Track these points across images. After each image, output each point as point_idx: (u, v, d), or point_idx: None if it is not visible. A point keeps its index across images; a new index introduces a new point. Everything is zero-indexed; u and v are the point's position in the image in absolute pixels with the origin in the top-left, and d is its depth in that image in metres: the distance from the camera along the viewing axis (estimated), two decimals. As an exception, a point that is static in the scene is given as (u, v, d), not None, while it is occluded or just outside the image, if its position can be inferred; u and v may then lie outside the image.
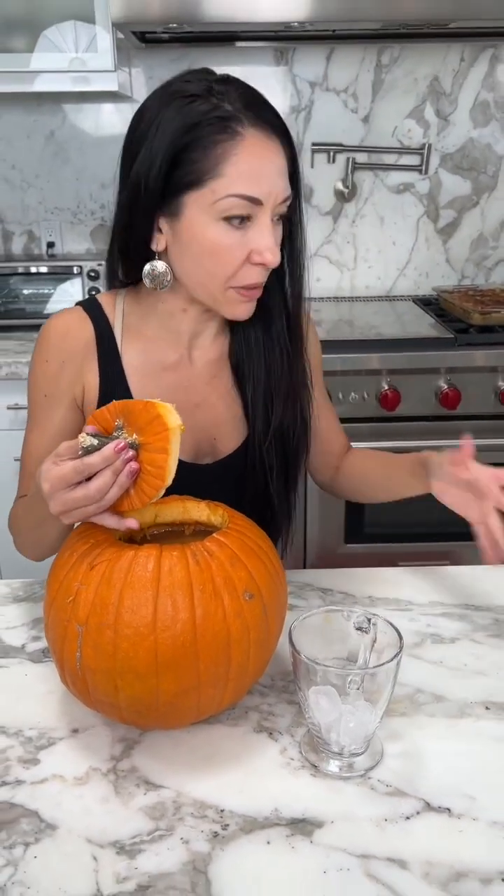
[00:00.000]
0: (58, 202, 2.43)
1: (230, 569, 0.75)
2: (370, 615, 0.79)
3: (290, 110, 2.34)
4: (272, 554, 0.82)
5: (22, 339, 2.13)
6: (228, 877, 0.65)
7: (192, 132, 0.86)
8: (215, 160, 0.86)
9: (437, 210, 2.45)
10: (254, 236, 0.89)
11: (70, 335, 1.00)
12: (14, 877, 0.66)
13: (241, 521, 0.84)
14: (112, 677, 0.72)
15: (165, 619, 0.71)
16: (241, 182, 0.86)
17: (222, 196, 0.86)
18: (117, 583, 0.72)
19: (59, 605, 0.76)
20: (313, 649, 0.77)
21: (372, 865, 0.66)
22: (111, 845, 0.68)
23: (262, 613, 0.76)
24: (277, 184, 0.88)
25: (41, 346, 1.01)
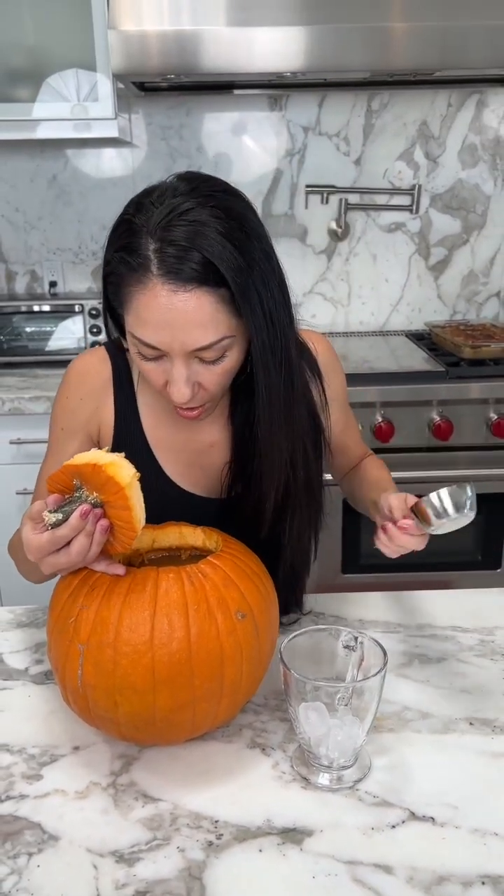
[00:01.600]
0: (60, 243, 2.51)
1: (223, 589, 0.79)
2: (357, 634, 0.83)
3: (285, 153, 2.43)
4: (264, 576, 0.86)
5: (24, 375, 2.19)
6: (222, 882, 0.69)
7: (109, 267, 0.88)
8: (123, 298, 0.86)
9: (428, 248, 2.52)
10: (168, 369, 0.88)
11: (89, 375, 1.06)
12: (18, 884, 0.69)
13: (235, 546, 0.88)
14: (111, 693, 0.76)
15: (162, 637, 0.75)
16: (140, 328, 0.85)
17: (128, 328, 0.88)
18: (116, 603, 0.77)
19: (61, 627, 0.80)
20: (303, 668, 0.81)
21: (359, 871, 0.69)
22: (111, 854, 0.72)
23: (254, 632, 0.80)
24: (184, 335, 0.84)
25: (63, 384, 1.09)
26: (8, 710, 0.91)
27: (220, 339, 0.85)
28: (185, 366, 0.87)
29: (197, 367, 0.88)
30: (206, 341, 0.84)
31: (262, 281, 0.86)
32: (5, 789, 0.80)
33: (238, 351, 0.89)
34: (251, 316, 0.85)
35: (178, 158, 2.44)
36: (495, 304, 2.59)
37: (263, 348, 0.88)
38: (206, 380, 0.89)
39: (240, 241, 0.83)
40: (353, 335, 2.55)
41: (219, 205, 0.84)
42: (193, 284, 0.82)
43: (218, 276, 0.82)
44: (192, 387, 0.89)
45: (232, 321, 0.86)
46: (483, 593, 1.14)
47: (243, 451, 1.02)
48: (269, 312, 0.87)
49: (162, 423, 1.07)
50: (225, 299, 0.84)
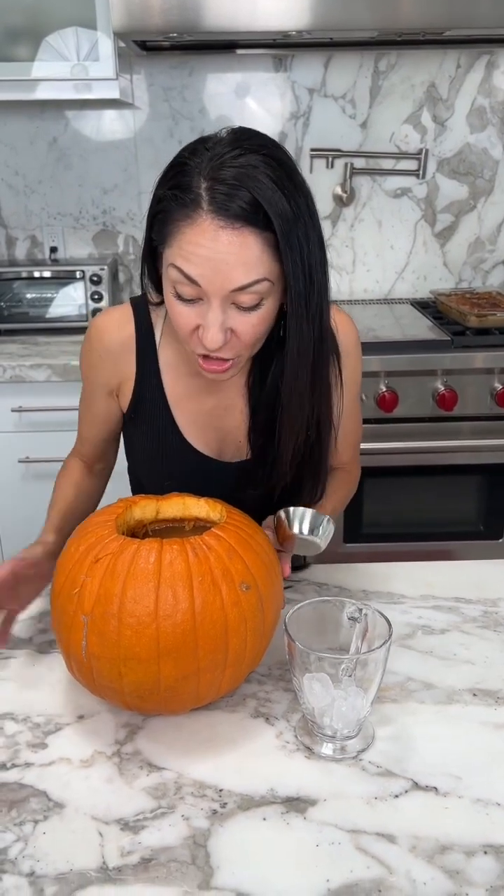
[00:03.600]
0: (60, 208, 2.47)
1: (227, 561, 0.79)
2: (362, 606, 0.83)
3: (290, 116, 2.38)
4: (268, 547, 0.86)
5: (25, 342, 2.17)
6: (226, 850, 0.69)
7: (160, 205, 0.88)
8: (168, 232, 0.87)
9: (434, 214, 2.49)
10: (202, 312, 0.88)
11: (108, 332, 1.08)
12: (24, 851, 0.70)
13: (239, 517, 0.88)
14: (116, 664, 0.76)
15: (166, 609, 0.75)
16: (184, 261, 0.85)
17: (168, 263, 0.88)
18: (121, 575, 0.77)
19: (65, 597, 0.80)
20: (308, 639, 0.81)
21: (362, 840, 0.70)
22: (116, 822, 0.72)
23: (258, 603, 0.80)
24: (226, 272, 0.84)
25: (85, 341, 1.10)
26: (12, 679, 0.92)
27: (260, 279, 0.85)
28: (221, 309, 0.87)
29: (232, 313, 0.88)
30: (247, 280, 0.84)
31: (304, 234, 0.86)
32: (10, 757, 0.80)
33: (274, 301, 0.89)
34: (291, 265, 0.85)
35: (181, 121, 2.39)
36: (502, 272, 2.56)
37: (299, 299, 0.88)
38: (240, 328, 0.89)
39: (288, 191, 0.85)
40: (358, 303, 2.52)
41: (270, 154, 0.86)
42: (241, 222, 0.83)
43: (265, 219, 0.83)
44: (226, 333, 0.88)
45: (273, 267, 0.86)
46: (487, 564, 1.14)
47: (260, 415, 1.03)
48: (309, 266, 0.87)
49: (181, 383, 1.08)
50: (269, 243, 0.84)
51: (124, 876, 0.67)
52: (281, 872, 0.67)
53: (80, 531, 0.86)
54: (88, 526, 0.86)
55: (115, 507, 0.90)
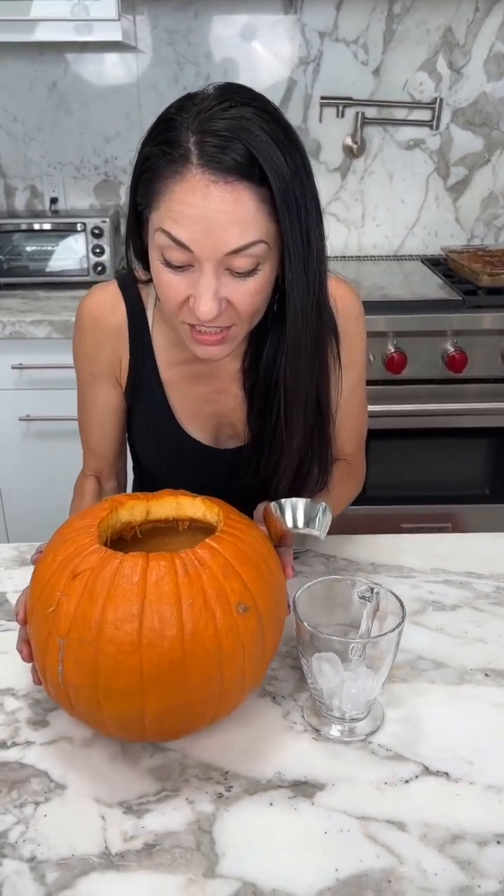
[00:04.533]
0: (61, 157, 2.39)
1: (223, 579, 0.70)
2: (374, 585, 0.80)
3: (299, 62, 2.28)
4: (270, 558, 0.78)
5: (25, 297, 2.12)
6: (232, 836, 0.67)
7: (146, 163, 0.82)
8: (155, 192, 0.80)
9: (447, 167, 2.40)
10: (193, 282, 0.81)
11: (104, 317, 1.01)
12: (25, 834, 0.68)
13: (237, 521, 0.79)
14: (95, 694, 0.68)
15: (151, 637, 0.66)
16: (170, 220, 0.79)
17: (156, 228, 0.81)
18: (100, 595, 0.68)
19: (40, 614, 0.72)
20: (316, 614, 0.78)
21: (371, 827, 0.68)
22: (119, 805, 0.70)
23: (258, 626, 0.72)
24: (220, 233, 0.77)
25: (78, 328, 1.04)
26: (13, 653, 0.89)
27: (256, 241, 0.79)
28: (214, 275, 0.80)
29: (227, 281, 0.81)
30: (242, 241, 0.78)
31: (302, 193, 0.80)
32: (11, 735, 0.78)
33: (270, 268, 0.83)
34: (289, 225, 0.79)
35: (186, 66, 2.29)
36: (515, 229, 2.49)
37: (297, 263, 0.82)
38: (235, 298, 0.82)
39: (283, 145, 0.79)
40: (366, 259, 2.45)
41: (262, 106, 0.80)
42: (234, 176, 0.77)
43: (260, 173, 0.77)
44: (220, 303, 0.82)
45: (270, 228, 0.80)
46: (499, 538, 1.11)
47: (257, 399, 0.97)
48: (307, 229, 0.81)
49: (175, 368, 1.03)
50: (265, 200, 0.78)
51: (127, 862, 0.65)
52: (288, 860, 0.65)
53: (59, 537, 0.76)
54: (68, 531, 0.76)
55: (99, 508, 0.80)
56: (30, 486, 2.12)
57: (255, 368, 0.97)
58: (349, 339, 0.99)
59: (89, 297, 1.03)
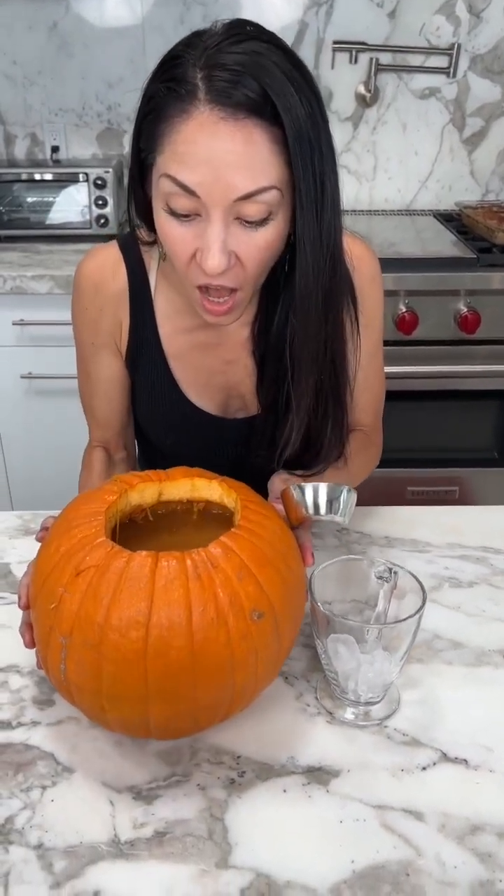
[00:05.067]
0: (62, 103, 2.29)
1: (237, 584, 0.65)
2: (392, 565, 0.77)
3: (311, 3, 2.17)
4: (290, 554, 0.72)
5: (26, 250, 2.05)
6: (245, 825, 0.65)
7: (151, 103, 0.76)
8: (160, 134, 0.74)
9: (463, 117, 2.31)
10: (200, 233, 0.76)
11: (104, 283, 0.96)
12: (32, 820, 0.66)
13: (256, 512, 0.73)
14: (97, 697, 0.65)
15: (158, 646, 0.62)
16: (175, 163, 0.73)
17: (160, 174, 0.75)
18: (104, 598, 0.63)
19: (42, 607, 0.68)
20: (332, 593, 0.76)
21: (388, 816, 0.66)
22: (128, 790, 0.68)
23: (273, 630, 0.67)
24: (229, 176, 0.72)
25: (77, 295, 0.98)
26: (17, 628, 0.86)
27: (268, 186, 0.73)
28: (223, 223, 0.74)
29: (236, 231, 0.76)
30: (254, 186, 0.72)
31: (317, 137, 0.74)
32: (16, 715, 0.76)
33: (283, 219, 0.77)
34: (302, 170, 0.73)
35: (192, 6, 2.19)
36: (532, 184, 2.40)
37: (310, 211, 0.76)
38: (243, 252, 0.77)
39: (298, 84, 0.73)
40: (378, 214, 2.38)
41: (274, 41, 0.75)
42: (244, 113, 0.71)
43: (273, 111, 0.71)
44: (229, 256, 0.76)
45: (283, 174, 0.74)
46: (517, 510, 1.08)
47: (269, 366, 0.92)
48: (321, 174, 0.75)
49: (179, 334, 0.97)
50: (277, 141, 0.72)
51: (137, 851, 0.63)
52: (303, 851, 0.63)
53: (65, 522, 0.71)
54: (74, 517, 0.71)
55: (108, 491, 0.74)
56: (32, 445, 2.08)
57: (264, 335, 0.92)
58: (364, 301, 0.93)
59: (88, 260, 0.97)
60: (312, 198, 0.76)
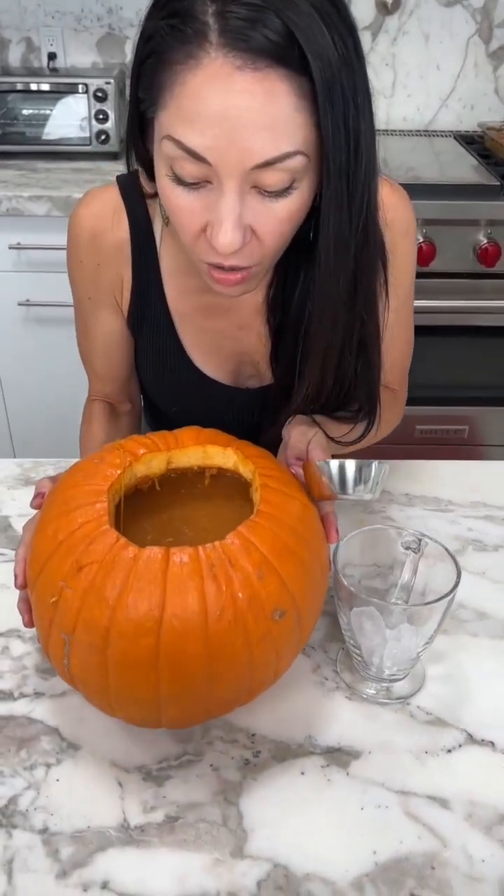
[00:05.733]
0: (59, 4, 2.12)
1: (257, 584, 0.58)
2: (421, 535, 0.71)
3: None
4: (313, 537, 0.65)
5: (22, 168, 1.93)
6: (261, 810, 0.62)
7: (150, 44, 0.62)
8: (162, 85, 0.61)
9: (490, 29, 2.15)
10: (211, 204, 0.64)
11: (101, 234, 0.85)
12: (36, 801, 0.63)
13: (277, 491, 0.65)
14: (105, 696, 0.61)
15: (171, 652, 0.56)
16: (180, 124, 0.60)
17: (163, 135, 0.62)
18: (109, 598, 0.57)
19: (41, 596, 0.61)
20: (355, 558, 0.71)
21: (411, 803, 0.63)
22: (137, 770, 0.65)
23: (295, 625, 0.62)
24: (247, 138, 0.59)
25: (72, 245, 0.88)
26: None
27: (293, 151, 0.60)
28: (238, 194, 0.62)
29: (252, 202, 0.64)
30: (275, 152, 0.60)
31: (352, 87, 0.60)
32: (18, 685, 0.72)
33: (308, 188, 0.65)
34: (332, 128, 0.60)
35: None
36: None
37: (339, 179, 0.63)
38: (261, 225, 0.65)
39: (330, 20, 0.59)
40: (395, 134, 2.24)
41: None
42: (266, 61, 0.57)
43: (300, 58, 0.58)
44: (244, 232, 0.64)
45: (310, 134, 0.61)
46: (544, 466, 1.02)
47: (286, 335, 0.83)
48: (355, 134, 0.62)
49: (187, 295, 0.87)
50: (305, 95, 0.59)
51: (148, 837, 0.60)
52: (322, 840, 0.60)
53: (63, 502, 0.63)
54: (73, 497, 0.63)
55: (111, 461, 0.66)
56: (31, 375, 2.01)
57: (281, 303, 0.82)
58: (395, 258, 0.80)
59: (84, 206, 0.86)
60: (343, 165, 0.62)
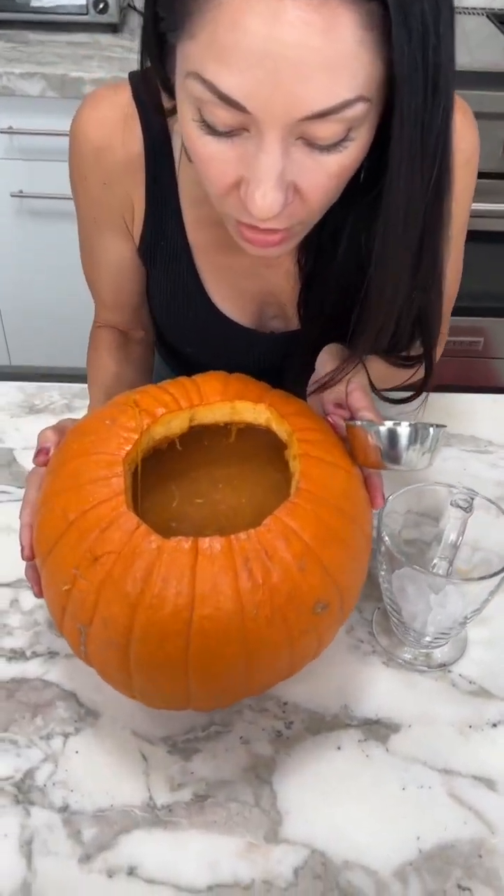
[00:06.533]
0: None
1: (299, 576, 0.51)
2: (474, 494, 0.65)
3: None
4: (358, 509, 0.57)
5: (12, 40, 1.74)
6: (296, 788, 0.58)
7: None
8: (189, 7, 0.47)
9: None
10: (247, 156, 0.51)
11: (109, 150, 0.71)
12: (55, 776, 0.58)
13: (318, 459, 0.56)
14: (128, 688, 0.55)
15: (202, 655, 0.50)
16: (213, 61, 0.46)
17: (189, 70, 0.49)
18: (130, 594, 0.49)
19: (52, 579, 0.54)
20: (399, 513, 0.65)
21: (456, 784, 0.59)
22: (162, 742, 0.61)
23: (338, 612, 0.55)
24: (297, 83, 0.45)
25: (75, 156, 0.74)
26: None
27: (354, 99, 0.47)
28: (281, 149, 0.49)
29: (298, 156, 0.50)
30: (333, 100, 0.46)
31: (433, 8, 0.46)
32: (30, 643, 0.67)
33: (366, 134, 0.51)
34: (409, 66, 0.46)
35: None
36: None
37: (412, 128, 0.49)
38: (307, 182, 0.52)
39: None
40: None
41: None
42: None
43: None
44: (286, 192, 0.51)
45: (376, 72, 0.47)
46: None
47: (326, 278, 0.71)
48: (434, 69, 0.47)
49: (209, 226, 0.74)
50: (373, 25, 0.45)
51: (176, 818, 0.56)
52: (362, 823, 0.57)
53: (72, 475, 0.55)
54: (84, 468, 0.54)
55: (126, 424, 0.57)
56: (25, 273, 1.89)
57: (317, 241, 0.69)
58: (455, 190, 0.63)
59: (88, 111, 0.71)
60: (419, 110, 0.49)
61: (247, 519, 0.63)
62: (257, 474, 0.64)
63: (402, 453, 0.57)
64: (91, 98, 0.71)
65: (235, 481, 0.66)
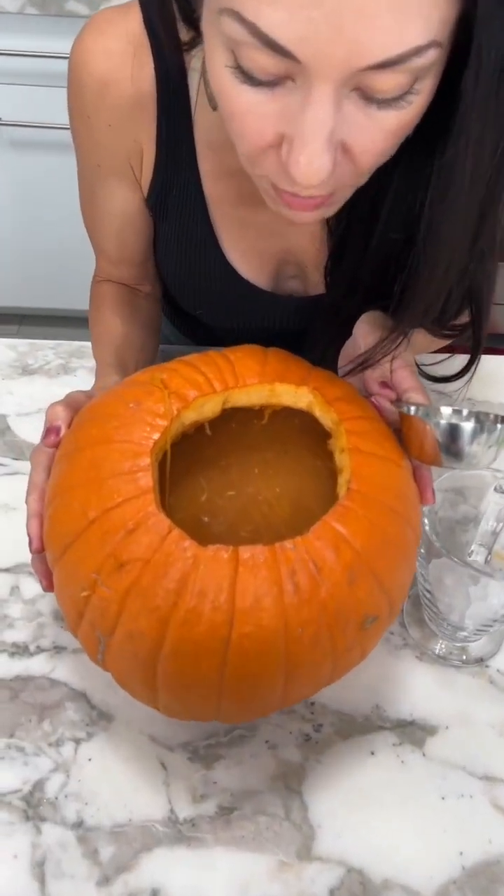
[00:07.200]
0: None
1: (348, 591, 0.45)
2: (521, 480, 0.60)
3: None
4: (409, 506, 0.51)
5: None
6: (328, 799, 0.54)
7: None
8: None
9: None
10: (291, 109, 0.42)
11: (115, 85, 0.61)
12: (67, 787, 0.53)
13: (370, 455, 0.50)
14: (153, 700, 0.49)
15: (239, 675, 0.44)
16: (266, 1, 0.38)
17: (221, 6, 0.40)
18: (161, 608, 0.43)
19: (66, 581, 0.48)
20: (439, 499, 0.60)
21: (499, 792, 0.55)
22: (181, 748, 0.56)
23: (387, 618, 0.50)
24: (356, 30, 0.37)
25: (75, 91, 0.63)
26: (22, 507, 0.69)
27: (424, 45, 0.39)
28: (333, 102, 0.41)
29: (351, 111, 0.42)
30: (400, 48, 0.38)
31: None
32: (34, 636, 0.61)
33: (430, 90, 0.43)
34: (492, 4, 0.39)
35: None
36: None
37: (492, 74, 0.41)
38: (359, 141, 0.43)
39: None
40: None
41: None
42: None
43: None
44: (334, 153, 0.43)
45: (448, 14, 0.39)
46: None
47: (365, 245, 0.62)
48: None
49: (228, 176, 0.65)
50: None
51: (200, 833, 0.52)
52: (400, 837, 0.53)
53: (92, 466, 0.48)
54: (105, 459, 0.48)
55: (152, 409, 0.49)
56: (6, 210, 1.78)
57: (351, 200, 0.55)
58: None
59: (92, 39, 0.60)
60: (500, 58, 0.41)
61: (285, 514, 0.57)
62: (293, 460, 0.58)
63: (464, 448, 0.50)
64: (95, 23, 0.61)
65: (270, 469, 0.59)
